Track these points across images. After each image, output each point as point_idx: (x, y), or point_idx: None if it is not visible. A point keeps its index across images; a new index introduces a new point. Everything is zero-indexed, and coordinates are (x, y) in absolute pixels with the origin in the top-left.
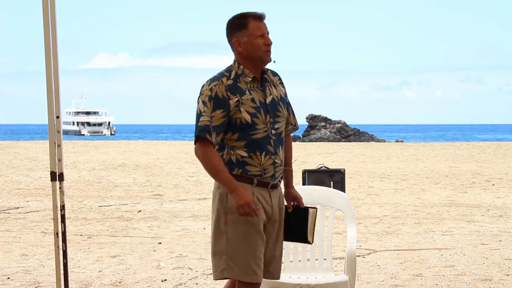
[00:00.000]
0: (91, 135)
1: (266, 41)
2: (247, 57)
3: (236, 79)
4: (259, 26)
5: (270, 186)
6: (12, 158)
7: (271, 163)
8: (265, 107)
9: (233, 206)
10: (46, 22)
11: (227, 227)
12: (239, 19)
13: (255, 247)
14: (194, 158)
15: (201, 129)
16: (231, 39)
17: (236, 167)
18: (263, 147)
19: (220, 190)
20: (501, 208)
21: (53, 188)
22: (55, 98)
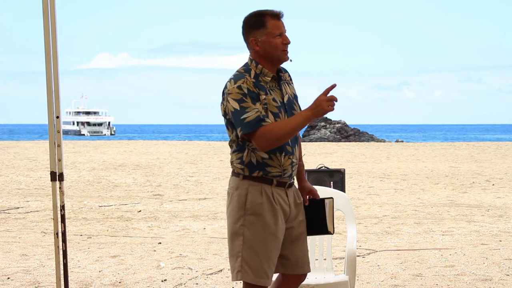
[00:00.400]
0: (91, 135)
1: (284, 40)
2: (264, 56)
3: (257, 78)
4: (277, 25)
5: (287, 185)
6: (12, 158)
7: (290, 163)
8: (284, 106)
9: (253, 205)
10: (46, 22)
11: (244, 228)
12: (256, 17)
13: (270, 250)
14: (194, 158)
15: (254, 122)
16: (248, 37)
17: (257, 169)
18: (282, 148)
19: (238, 191)
20: (501, 208)
21: (53, 188)
22: (55, 98)
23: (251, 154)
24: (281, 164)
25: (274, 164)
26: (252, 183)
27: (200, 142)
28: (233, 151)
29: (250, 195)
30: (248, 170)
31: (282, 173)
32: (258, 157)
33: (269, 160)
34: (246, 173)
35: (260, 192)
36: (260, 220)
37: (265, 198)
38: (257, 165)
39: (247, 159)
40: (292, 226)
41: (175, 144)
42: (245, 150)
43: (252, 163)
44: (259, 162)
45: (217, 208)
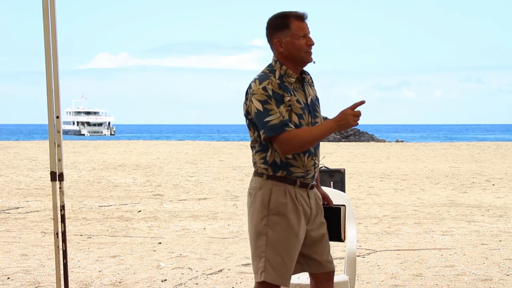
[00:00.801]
0: (91, 135)
1: (308, 41)
2: (288, 57)
3: (282, 79)
4: (301, 26)
5: (309, 186)
6: (12, 158)
7: (313, 164)
8: (308, 107)
9: (277, 205)
10: (46, 22)
11: (267, 228)
12: (280, 18)
13: (293, 251)
14: (194, 158)
15: (278, 126)
16: (272, 38)
17: (281, 169)
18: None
19: (262, 191)
20: (501, 208)
21: (53, 188)
22: (55, 98)
23: (275, 154)
24: (305, 164)
25: (297, 164)
26: (276, 183)
27: (200, 142)
28: (256, 151)
29: (274, 195)
30: (272, 170)
31: (305, 173)
32: (282, 157)
33: (293, 160)
34: (270, 173)
35: (284, 192)
36: (284, 220)
37: (289, 198)
38: (281, 165)
39: (271, 159)
40: (313, 227)
41: (175, 144)
42: (269, 150)
43: (276, 162)
44: (283, 162)
45: (217, 208)
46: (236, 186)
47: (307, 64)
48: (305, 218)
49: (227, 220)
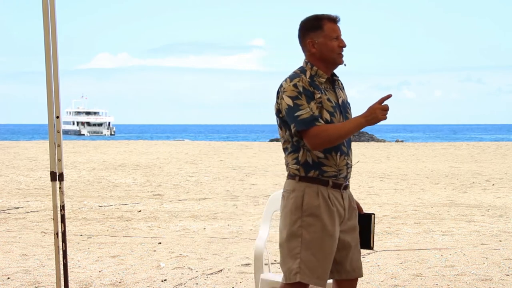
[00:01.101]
0: (91, 135)
1: (340, 43)
2: (320, 58)
3: (312, 78)
4: (334, 28)
5: (343, 187)
6: (12, 158)
7: (345, 164)
8: (339, 107)
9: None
10: (46, 22)
11: (302, 230)
12: (314, 20)
13: (328, 252)
14: (194, 158)
15: (309, 121)
16: (305, 39)
17: (313, 169)
18: (338, 147)
19: (294, 193)
20: (501, 208)
21: (53, 188)
22: (55, 98)
23: (307, 153)
24: (337, 164)
25: (329, 163)
26: (309, 185)
27: (200, 142)
28: (288, 152)
29: (307, 196)
30: (304, 170)
31: (338, 173)
32: (314, 156)
33: (324, 160)
34: (302, 174)
35: (316, 194)
36: (318, 222)
37: (322, 199)
38: (313, 165)
39: (303, 158)
40: (345, 229)
41: (175, 144)
42: (301, 150)
43: (308, 162)
44: (315, 162)
45: (217, 208)
46: (236, 186)
47: (338, 66)
48: (339, 219)
49: (227, 220)
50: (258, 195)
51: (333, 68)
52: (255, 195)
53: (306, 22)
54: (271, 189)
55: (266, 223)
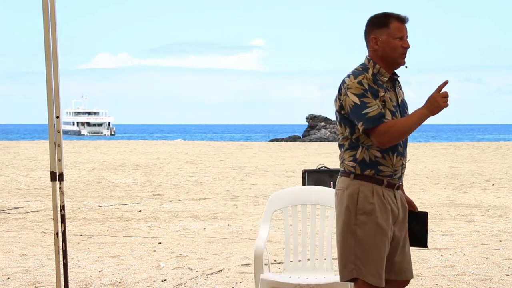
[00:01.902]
0: (91, 135)
1: (404, 44)
2: (382, 56)
3: (375, 76)
4: (400, 28)
5: (396, 187)
6: (12, 158)
7: (401, 164)
8: (399, 107)
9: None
10: (46, 22)
11: (356, 228)
12: (381, 17)
13: (382, 250)
14: (194, 158)
15: (377, 118)
16: (369, 35)
17: (369, 168)
18: (395, 148)
19: (349, 191)
20: (501, 208)
21: (53, 188)
22: (55, 98)
23: (365, 152)
24: (393, 164)
25: (386, 163)
26: (363, 183)
27: (200, 142)
28: (345, 149)
29: (362, 194)
30: (360, 168)
31: (393, 173)
32: (372, 155)
33: (382, 159)
34: (358, 172)
35: (371, 192)
36: (372, 220)
37: (377, 197)
38: (370, 163)
39: (360, 156)
40: (399, 229)
41: (175, 144)
42: (359, 148)
43: (364, 161)
44: (372, 161)
45: (217, 208)
46: (236, 186)
47: (399, 67)
48: (393, 218)
49: (227, 220)
50: (258, 195)
51: (394, 68)
52: (255, 195)
53: (373, 18)
54: (271, 189)
55: (266, 223)
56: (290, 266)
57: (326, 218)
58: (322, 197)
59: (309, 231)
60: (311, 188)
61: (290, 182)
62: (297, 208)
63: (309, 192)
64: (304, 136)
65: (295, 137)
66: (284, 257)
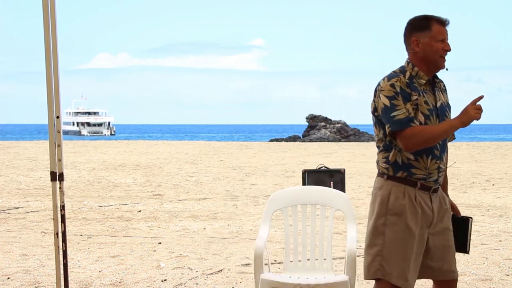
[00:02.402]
0: (91, 135)
1: (445, 46)
2: (423, 58)
3: (411, 79)
4: (441, 30)
5: (432, 190)
6: (12, 158)
7: (436, 167)
8: (436, 111)
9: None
10: (46, 22)
11: (385, 228)
12: (422, 20)
13: (410, 252)
14: (194, 158)
15: (404, 122)
16: (410, 37)
17: (401, 170)
18: (430, 151)
19: (381, 191)
20: (501, 208)
21: (53, 188)
22: (55, 98)
23: (398, 154)
24: (427, 167)
25: (419, 166)
26: (396, 184)
27: (200, 142)
28: (379, 150)
29: (393, 195)
30: (393, 170)
31: (427, 176)
32: (404, 157)
33: (414, 162)
34: (390, 173)
35: (403, 194)
36: (402, 221)
37: (408, 199)
38: (402, 165)
39: (393, 158)
40: (436, 232)
41: (175, 144)
42: (392, 150)
43: (397, 163)
44: (404, 163)
45: (217, 208)
46: (236, 186)
47: (440, 69)
48: (426, 221)
49: (227, 220)
50: (258, 195)
51: (434, 71)
52: (255, 195)
53: (414, 21)
54: (271, 189)
55: (266, 223)
56: (290, 266)
57: (326, 218)
58: (322, 197)
59: (309, 231)
60: (311, 188)
61: (290, 182)
62: (297, 208)
63: (309, 192)
64: (304, 136)
65: (295, 137)
66: (284, 257)
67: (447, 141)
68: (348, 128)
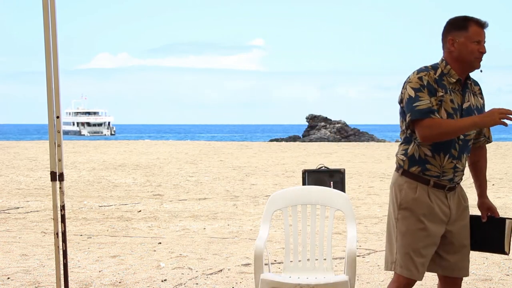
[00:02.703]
0: (91, 135)
1: (481, 48)
2: (457, 58)
3: (441, 76)
4: (479, 32)
5: (447, 188)
6: (12, 158)
7: (452, 166)
8: (461, 111)
9: (406, 201)
10: (46, 22)
11: (397, 222)
12: (461, 20)
13: (421, 245)
14: (194, 158)
15: (425, 112)
16: (447, 36)
17: (417, 165)
18: (447, 150)
19: (395, 186)
20: (501, 208)
21: (53, 188)
22: (55, 98)
23: (416, 148)
24: (442, 165)
25: (435, 163)
26: (409, 180)
27: (200, 142)
28: (400, 143)
29: (405, 190)
30: (408, 163)
31: (441, 174)
32: (422, 153)
33: (431, 158)
34: (405, 167)
35: (415, 189)
36: (413, 216)
37: (419, 195)
38: (418, 160)
39: (411, 152)
40: (454, 229)
41: (175, 144)
42: (411, 143)
43: (414, 157)
44: (421, 158)
45: (217, 208)
46: (236, 186)
47: (474, 70)
48: (442, 217)
49: (227, 220)
50: (258, 195)
51: (468, 71)
52: (255, 195)
53: (452, 21)
54: (271, 189)
55: (266, 223)
56: (290, 266)
57: (326, 218)
58: (322, 197)
59: (309, 231)
60: (311, 188)
61: (290, 182)
62: (297, 208)
63: (309, 192)
64: (304, 136)
65: (295, 137)
66: (284, 257)
67: (469, 142)
68: (348, 128)
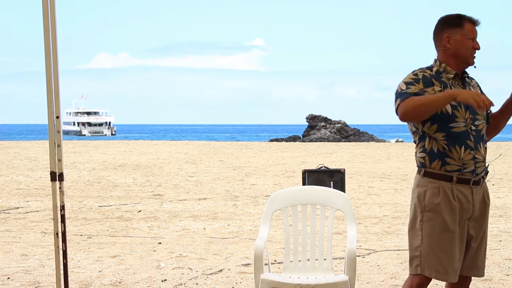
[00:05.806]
0: (92, 135)
1: (475, 45)
2: (453, 55)
3: (438, 74)
4: (473, 29)
5: (472, 182)
6: (12, 158)
7: (471, 157)
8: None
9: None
10: (46, 22)
11: (422, 224)
12: (455, 18)
13: (448, 247)
14: (194, 158)
15: (410, 94)
16: (442, 34)
17: (437, 158)
18: (462, 141)
19: (418, 188)
20: (501, 208)
21: (53, 188)
22: (55, 98)
23: (433, 142)
24: (460, 157)
25: (453, 156)
26: (432, 181)
27: (200, 142)
28: (416, 144)
29: (429, 192)
30: (429, 158)
31: (462, 167)
32: (440, 145)
33: (448, 152)
34: (427, 163)
35: (438, 190)
36: (438, 217)
37: (443, 195)
38: (438, 154)
39: (429, 146)
40: (475, 225)
41: (175, 144)
42: (427, 138)
43: (433, 151)
44: (439, 151)
45: (217, 208)
46: (236, 186)
47: (468, 66)
48: (465, 214)
49: (227, 220)
50: (258, 195)
51: (463, 67)
52: (255, 195)
53: (446, 18)
54: (271, 189)
55: (266, 223)
56: (290, 266)
57: (326, 218)
58: (322, 197)
59: (309, 231)
60: (311, 188)
61: (290, 182)
62: (297, 208)
63: (309, 192)
64: (304, 136)
65: (295, 137)
66: (284, 257)
67: (482, 132)
68: (348, 128)
